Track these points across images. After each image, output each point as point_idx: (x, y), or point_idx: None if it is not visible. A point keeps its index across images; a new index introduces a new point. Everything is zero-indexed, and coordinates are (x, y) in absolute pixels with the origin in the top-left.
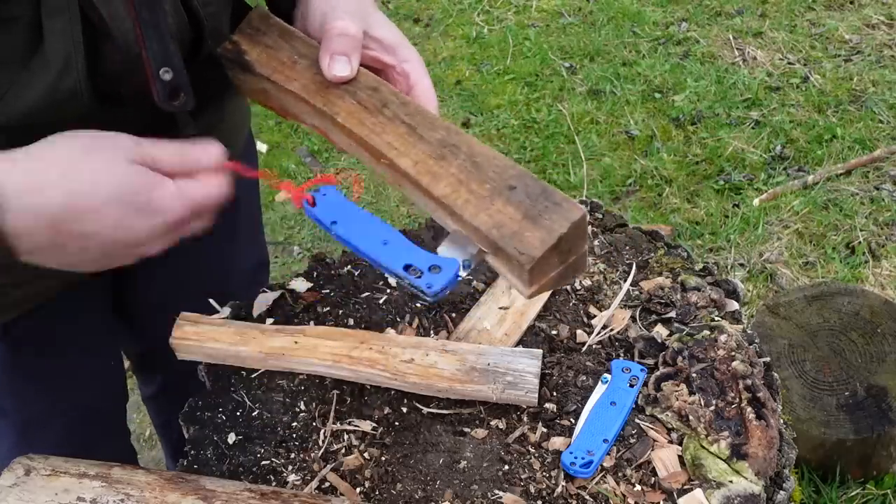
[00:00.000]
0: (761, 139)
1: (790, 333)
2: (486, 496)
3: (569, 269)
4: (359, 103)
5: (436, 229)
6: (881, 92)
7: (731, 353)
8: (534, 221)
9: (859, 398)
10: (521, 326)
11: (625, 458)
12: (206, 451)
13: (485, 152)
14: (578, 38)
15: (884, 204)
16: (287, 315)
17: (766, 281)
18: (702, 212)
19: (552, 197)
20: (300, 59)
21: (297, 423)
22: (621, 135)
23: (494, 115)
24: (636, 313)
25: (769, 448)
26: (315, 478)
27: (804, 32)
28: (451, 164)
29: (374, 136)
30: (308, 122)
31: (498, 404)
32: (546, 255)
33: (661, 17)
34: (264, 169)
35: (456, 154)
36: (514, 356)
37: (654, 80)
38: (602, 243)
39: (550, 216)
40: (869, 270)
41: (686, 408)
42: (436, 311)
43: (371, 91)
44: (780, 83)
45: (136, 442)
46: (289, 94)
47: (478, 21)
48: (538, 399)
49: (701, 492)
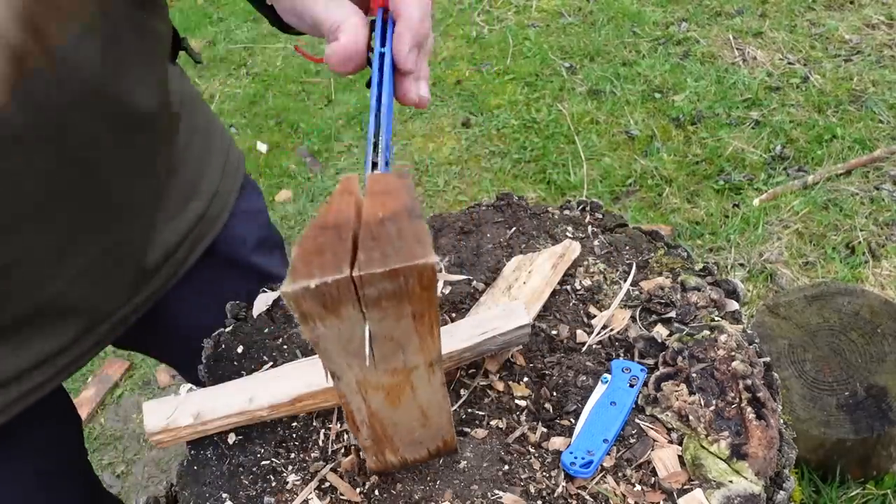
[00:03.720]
0: (761, 139)
1: (790, 333)
2: (486, 496)
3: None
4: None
5: (436, 229)
6: (881, 92)
7: (731, 353)
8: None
9: (859, 398)
10: None
11: (625, 458)
12: (206, 451)
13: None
14: (578, 38)
15: (884, 204)
16: (287, 314)
17: (766, 281)
18: (702, 212)
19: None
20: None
21: (297, 423)
22: (621, 135)
23: (494, 115)
24: (636, 313)
25: (769, 448)
26: (315, 478)
27: (804, 32)
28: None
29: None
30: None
31: (499, 405)
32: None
33: (661, 17)
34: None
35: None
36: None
37: (654, 80)
38: (602, 243)
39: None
40: (869, 270)
41: (686, 408)
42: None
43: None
44: (780, 83)
45: (137, 442)
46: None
47: (478, 21)
48: (538, 399)
49: (701, 492)
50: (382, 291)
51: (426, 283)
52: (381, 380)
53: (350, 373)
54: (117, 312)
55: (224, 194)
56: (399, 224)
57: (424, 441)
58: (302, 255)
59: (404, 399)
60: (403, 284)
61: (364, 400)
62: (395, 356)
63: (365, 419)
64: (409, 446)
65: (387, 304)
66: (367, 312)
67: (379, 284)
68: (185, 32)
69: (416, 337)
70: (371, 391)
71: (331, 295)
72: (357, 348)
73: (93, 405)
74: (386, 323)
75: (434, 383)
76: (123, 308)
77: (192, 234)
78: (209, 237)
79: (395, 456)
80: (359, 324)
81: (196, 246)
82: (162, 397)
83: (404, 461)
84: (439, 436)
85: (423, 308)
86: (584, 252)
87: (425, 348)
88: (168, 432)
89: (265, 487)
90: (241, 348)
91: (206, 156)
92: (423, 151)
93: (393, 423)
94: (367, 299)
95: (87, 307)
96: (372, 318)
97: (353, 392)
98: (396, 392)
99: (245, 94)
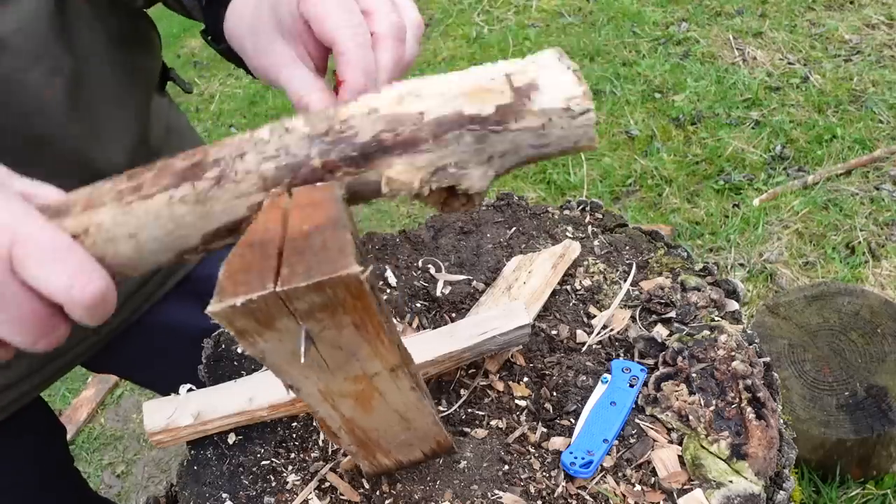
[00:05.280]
0: (761, 139)
1: (790, 333)
2: (486, 496)
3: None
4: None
5: (436, 228)
6: (881, 92)
7: (731, 353)
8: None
9: (859, 398)
10: None
11: (625, 458)
12: (206, 451)
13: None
14: (578, 38)
15: (884, 204)
16: None
17: (766, 281)
18: (702, 212)
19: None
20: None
21: (297, 423)
22: (621, 135)
23: None
24: (636, 313)
25: (769, 448)
26: (315, 478)
27: (804, 32)
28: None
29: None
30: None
31: (499, 405)
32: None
33: (661, 17)
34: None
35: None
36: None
37: (654, 80)
38: (602, 243)
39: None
40: (869, 270)
41: (686, 408)
42: (436, 311)
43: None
44: (780, 83)
45: (137, 442)
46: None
47: (478, 21)
48: (538, 399)
49: (701, 492)
50: (313, 304)
51: (356, 293)
52: (343, 387)
53: (309, 383)
54: (76, 347)
55: None
56: (324, 236)
57: (415, 443)
58: (228, 274)
59: (376, 405)
60: (332, 296)
61: (334, 408)
62: (349, 364)
63: (342, 426)
64: (399, 448)
65: (321, 316)
66: (303, 323)
67: (306, 298)
68: (186, 33)
69: (366, 344)
70: (338, 399)
71: (261, 311)
72: (306, 360)
73: (93, 405)
74: (328, 333)
75: (402, 388)
76: (84, 342)
77: (162, 269)
78: (182, 271)
79: (387, 458)
80: (299, 338)
81: (166, 281)
82: (162, 397)
83: (399, 463)
84: (430, 437)
85: (361, 317)
86: (584, 252)
87: (380, 354)
88: (168, 432)
89: (265, 487)
90: (241, 348)
91: None
92: None
93: (373, 429)
94: (299, 312)
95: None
96: (311, 329)
97: (318, 401)
98: (365, 398)
99: (245, 94)
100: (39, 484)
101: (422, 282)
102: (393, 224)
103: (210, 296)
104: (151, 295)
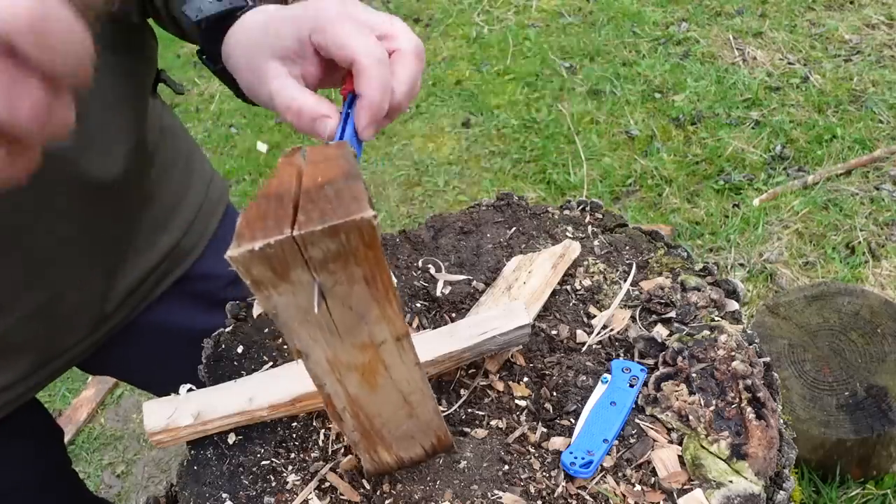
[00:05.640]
0: (761, 139)
1: (790, 333)
2: (486, 496)
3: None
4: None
5: (436, 229)
6: (881, 92)
7: (731, 353)
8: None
9: (859, 398)
10: None
11: (625, 458)
12: (206, 451)
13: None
14: (578, 38)
15: (884, 204)
16: None
17: (766, 281)
18: (702, 212)
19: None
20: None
21: (297, 423)
22: (621, 135)
23: (494, 115)
24: (636, 313)
25: (769, 448)
26: (315, 478)
27: (804, 32)
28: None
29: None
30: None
31: (499, 405)
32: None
33: (661, 17)
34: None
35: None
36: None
37: (654, 80)
38: (602, 243)
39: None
40: (869, 270)
41: (686, 408)
42: (436, 311)
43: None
44: (780, 83)
45: (137, 442)
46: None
47: (478, 21)
48: (538, 399)
49: (701, 492)
50: (327, 252)
51: (368, 241)
52: (351, 357)
53: (318, 348)
54: (73, 349)
55: (200, 227)
56: (337, 186)
57: (416, 436)
58: (246, 223)
59: (381, 380)
60: (345, 242)
61: (340, 382)
62: (358, 328)
63: (346, 406)
64: (400, 442)
65: (334, 267)
66: (317, 276)
67: (321, 244)
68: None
69: (375, 305)
70: (344, 371)
71: (277, 258)
72: (317, 319)
73: (93, 405)
74: (339, 289)
75: (407, 362)
76: (81, 344)
77: (160, 268)
78: (178, 270)
79: (389, 454)
80: (313, 290)
81: (163, 280)
82: (162, 397)
83: (400, 460)
84: (431, 430)
85: (372, 269)
86: (584, 252)
87: (387, 318)
88: (168, 432)
89: (265, 487)
90: (241, 348)
91: (184, 188)
92: (423, 151)
93: (376, 414)
94: (314, 262)
95: (40, 345)
96: (325, 284)
97: (325, 372)
98: (371, 372)
99: None
100: (37, 486)
101: (422, 282)
102: (393, 224)
103: (207, 295)
104: (148, 294)
